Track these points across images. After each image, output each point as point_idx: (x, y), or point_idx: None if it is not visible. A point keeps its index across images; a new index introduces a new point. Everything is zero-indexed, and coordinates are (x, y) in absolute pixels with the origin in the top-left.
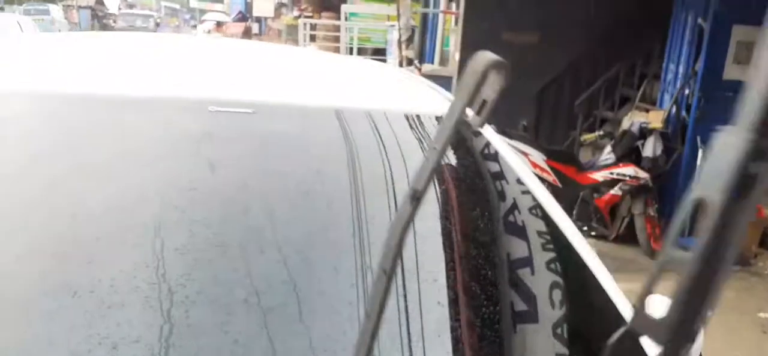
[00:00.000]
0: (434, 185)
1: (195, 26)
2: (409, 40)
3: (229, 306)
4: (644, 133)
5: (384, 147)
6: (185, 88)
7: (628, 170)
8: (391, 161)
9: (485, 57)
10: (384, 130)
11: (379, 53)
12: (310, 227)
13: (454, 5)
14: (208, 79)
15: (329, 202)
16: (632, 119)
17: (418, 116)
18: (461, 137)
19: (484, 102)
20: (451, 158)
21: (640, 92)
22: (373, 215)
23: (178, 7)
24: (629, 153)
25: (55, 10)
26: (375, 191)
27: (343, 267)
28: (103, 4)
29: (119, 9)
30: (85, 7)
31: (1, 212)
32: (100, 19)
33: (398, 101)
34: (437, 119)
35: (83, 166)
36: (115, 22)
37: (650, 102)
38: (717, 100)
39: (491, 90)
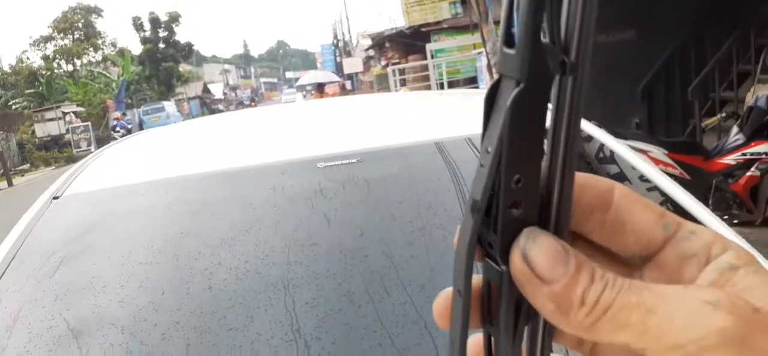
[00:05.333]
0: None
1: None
2: None
3: (364, 352)
4: None
5: None
6: (294, 150)
7: (763, 147)
8: None
9: None
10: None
11: (471, 82)
12: (430, 261)
13: None
14: (313, 139)
15: (444, 233)
16: (756, 94)
17: None
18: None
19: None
20: None
21: (760, 64)
22: None
23: (275, 80)
24: (760, 130)
25: (169, 106)
26: None
27: None
28: (209, 92)
29: (224, 94)
30: (194, 98)
31: (145, 293)
32: (208, 106)
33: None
34: None
35: (212, 239)
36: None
37: None
38: None
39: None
